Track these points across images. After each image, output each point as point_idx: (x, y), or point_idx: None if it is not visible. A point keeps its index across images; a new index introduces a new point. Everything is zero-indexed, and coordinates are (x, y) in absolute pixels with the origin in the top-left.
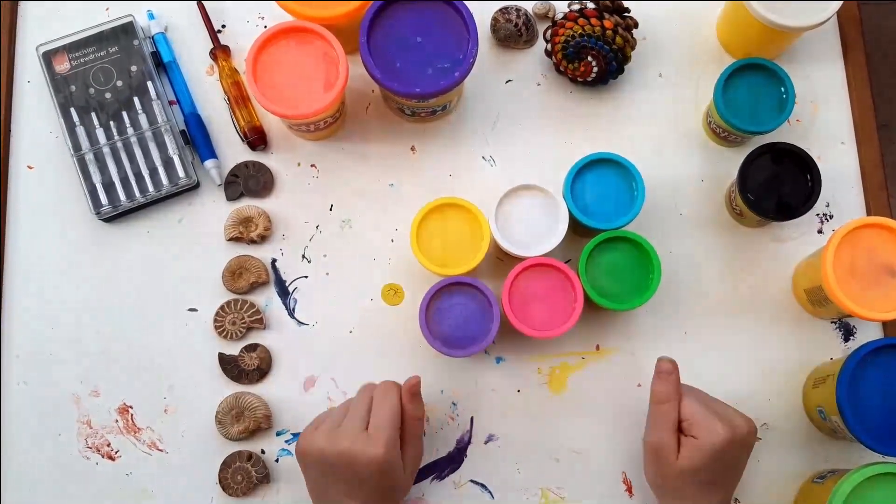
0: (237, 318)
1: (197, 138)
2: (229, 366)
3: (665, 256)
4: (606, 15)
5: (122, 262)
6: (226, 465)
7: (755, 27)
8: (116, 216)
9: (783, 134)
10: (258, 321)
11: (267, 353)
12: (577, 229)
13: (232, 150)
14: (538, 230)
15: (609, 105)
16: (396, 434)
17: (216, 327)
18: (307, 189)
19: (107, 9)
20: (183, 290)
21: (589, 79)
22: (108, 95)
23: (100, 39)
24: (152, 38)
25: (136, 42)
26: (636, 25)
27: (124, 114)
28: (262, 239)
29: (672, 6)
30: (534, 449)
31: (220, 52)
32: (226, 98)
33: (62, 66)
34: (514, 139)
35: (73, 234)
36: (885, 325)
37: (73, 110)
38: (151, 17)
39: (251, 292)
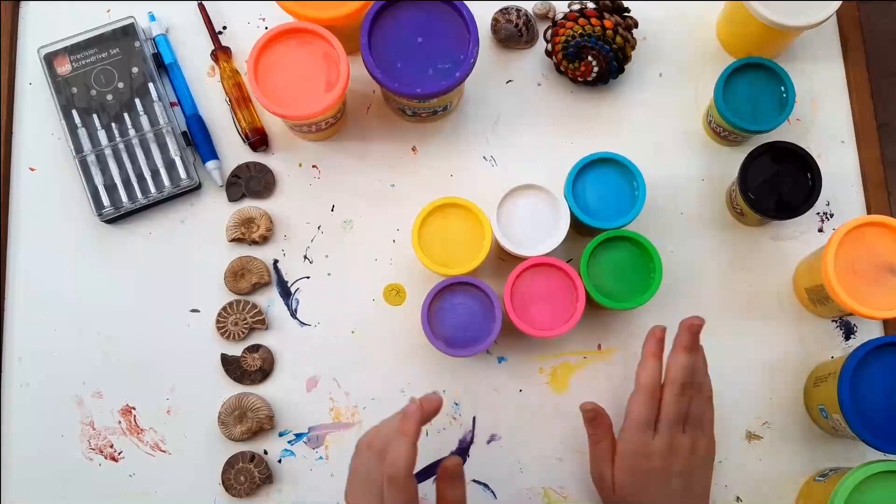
0: (239, 319)
1: (198, 139)
2: (232, 366)
3: (666, 255)
4: (606, 15)
5: (124, 264)
6: (229, 465)
7: (755, 26)
8: (118, 217)
9: (783, 133)
10: (260, 322)
11: (269, 353)
12: (579, 229)
13: (233, 152)
14: (539, 230)
15: (609, 105)
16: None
17: (218, 328)
18: (309, 190)
19: (108, 10)
20: (185, 291)
21: (589, 79)
22: (109, 97)
23: (101, 41)
24: (153, 39)
25: (137, 44)
26: (636, 25)
27: (126, 115)
28: (264, 240)
29: (672, 6)
30: (536, 449)
31: (221, 53)
32: (227, 99)
33: (63, 67)
34: (514, 139)
35: (76, 236)
36: (886, 323)
37: (74, 112)
38: (152, 18)
39: (253, 293)
